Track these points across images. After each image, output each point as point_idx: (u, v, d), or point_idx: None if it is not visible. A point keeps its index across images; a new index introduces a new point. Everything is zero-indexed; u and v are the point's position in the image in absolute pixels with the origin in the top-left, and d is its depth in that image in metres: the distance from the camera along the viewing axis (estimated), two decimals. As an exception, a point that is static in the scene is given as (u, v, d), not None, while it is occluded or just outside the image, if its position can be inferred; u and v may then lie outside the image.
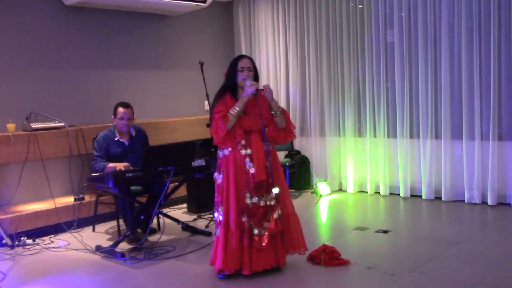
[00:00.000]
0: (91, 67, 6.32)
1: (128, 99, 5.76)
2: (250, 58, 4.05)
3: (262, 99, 3.92)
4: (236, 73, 3.96)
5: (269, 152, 3.96)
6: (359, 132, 6.88)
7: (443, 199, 6.16)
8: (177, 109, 7.20)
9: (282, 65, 7.53)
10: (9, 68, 5.63)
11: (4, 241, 4.98)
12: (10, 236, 5.02)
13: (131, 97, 6.22)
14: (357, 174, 6.92)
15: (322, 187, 6.88)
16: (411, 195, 6.47)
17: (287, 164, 6.81)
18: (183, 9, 6.85)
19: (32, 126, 5.43)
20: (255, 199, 3.87)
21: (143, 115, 6.62)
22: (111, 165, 5.07)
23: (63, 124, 5.65)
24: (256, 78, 4.01)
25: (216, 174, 4.02)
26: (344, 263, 4.14)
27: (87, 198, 5.65)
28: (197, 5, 6.70)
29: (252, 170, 3.87)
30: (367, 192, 6.82)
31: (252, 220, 3.87)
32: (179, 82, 7.20)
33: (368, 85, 6.65)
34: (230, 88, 3.99)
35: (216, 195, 4.01)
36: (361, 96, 6.77)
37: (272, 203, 3.93)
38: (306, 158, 7.33)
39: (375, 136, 6.70)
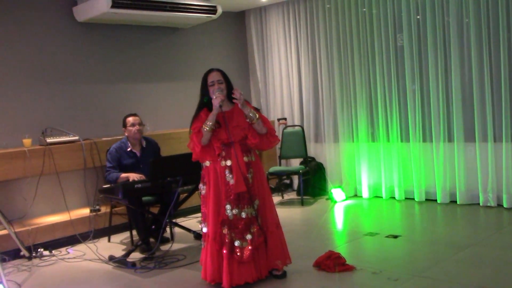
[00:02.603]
0: (104, 81, 6.48)
1: (141, 111, 5.90)
2: (219, 70, 4.04)
3: (239, 109, 3.92)
4: (207, 88, 3.99)
5: (251, 164, 3.98)
6: (373, 137, 6.87)
7: (458, 202, 6.10)
8: (190, 120, 7.26)
9: (294, 72, 7.59)
10: (25, 84, 5.82)
11: (21, 253, 5.14)
12: (28, 248, 5.17)
13: (144, 110, 6.37)
14: (372, 179, 6.89)
15: (337, 193, 6.88)
16: (426, 199, 6.42)
17: (300, 171, 6.83)
18: (194, 21, 6.97)
19: (48, 140, 5.59)
20: (235, 211, 3.87)
21: (157, 126, 6.75)
22: (123, 175, 5.19)
23: (77, 137, 5.80)
24: (230, 87, 4.00)
25: (201, 185, 4.06)
26: (350, 268, 4.15)
27: (103, 209, 5.80)
28: (207, 16, 6.80)
29: (232, 182, 3.89)
30: (382, 197, 6.78)
31: (233, 232, 3.87)
32: (192, 93, 7.19)
33: (379, 89, 6.64)
34: (205, 104, 4.00)
35: (202, 206, 4.04)
36: (373, 101, 6.76)
37: (254, 215, 3.93)
38: (321, 164, 7.34)
39: (388, 140, 6.67)
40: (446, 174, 6.19)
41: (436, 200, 6.30)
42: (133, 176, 5.10)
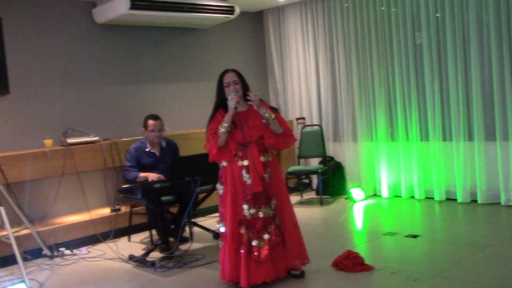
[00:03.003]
0: (124, 82, 6.54)
1: (160, 111, 5.93)
2: (234, 71, 4.04)
3: (255, 109, 3.92)
4: (223, 89, 4.00)
5: (268, 163, 3.99)
6: (392, 136, 6.82)
7: (479, 202, 6.03)
8: (207, 120, 7.31)
9: (312, 71, 7.57)
10: (45, 86, 5.90)
11: (43, 252, 5.21)
12: (49, 247, 5.25)
13: (162, 110, 6.40)
14: (391, 179, 6.85)
15: (356, 192, 6.85)
16: (447, 199, 6.35)
17: (319, 170, 6.82)
18: (212, 22, 6.99)
19: (68, 141, 5.67)
20: (252, 211, 3.89)
21: (175, 126, 6.79)
22: (142, 174, 5.24)
23: (97, 138, 5.87)
24: (245, 89, 4.01)
25: (218, 184, 4.08)
26: (368, 268, 4.13)
27: (123, 209, 5.86)
28: (225, 17, 6.82)
29: (249, 181, 3.90)
30: (401, 197, 6.73)
31: (251, 231, 3.89)
32: (210, 93, 7.20)
33: (398, 88, 6.60)
34: (221, 105, 4.02)
35: (219, 206, 4.07)
36: (392, 100, 6.72)
37: (272, 214, 3.94)
38: (340, 163, 7.32)
39: (407, 139, 6.62)
40: (467, 173, 6.13)
41: (456, 200, 6.23)
42: (152, 176, 5.15)
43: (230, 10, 6.78)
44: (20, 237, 5.04)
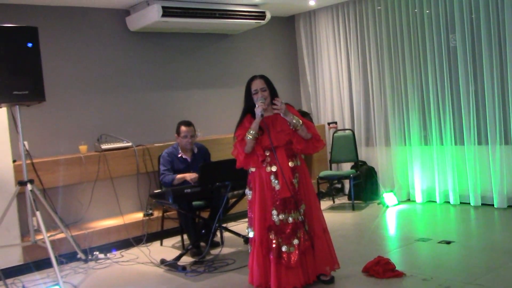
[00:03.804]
0: (156, 89, 6.64)
1: (192, 117, 6.00)
2: (262, 77, 4.03)
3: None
4: (251, 96, 4.01)
5: (297, 168, 3.97)
6: (425, 140, 6.71)
7: (516, 207, 5.89)
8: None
9: (344, 76, 7.52)
10: (80, 93, 6.04)
11: (78, 256, 5.31)
12: (84, 251, 5.35)
13: (195, 115, 6.47)
14: (425, 184, 6.74)
15: (388, 197, 6.77)
16: (483, 204, 6.21)
17: (351, 175, 6.77)
18: (244, 27, 7.04)
19: (102, 147, 5.78)
20: (282, 216, 3.88)
21: (207, 132, 6.85)
22: (179, 176, 5.31)
23: (130, 144, 5.97)
24: (273, 95, 4.00)
25: (247, 190, 4.09)
26: (399, 275, 4.07)
27: (155, 213, 5.93)
28: (256, 22, 6.85)
29: (277, 187, 3.90)
30: (436, 202, 6.62)
31: (280, 237, 3.87)
32: (242, 99, 7.35)
33: (432, 91, 6.49)
34: (249, 111, 4.03)
35: (248, 211, 4.07)
36: (426, 103, 6.62)
37: (301, 219, 3.93)
38: (373, 168, 7.24)
39: (442, 143, 6.51)
40: (503, 177, 5.98)
41: (493, 205, 6.09)
42: (189, 176, 5.20)
43: (261, 16, 6.82)
44: (56, 241, 5.16)
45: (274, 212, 3.89)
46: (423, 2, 6.49)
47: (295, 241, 3.89)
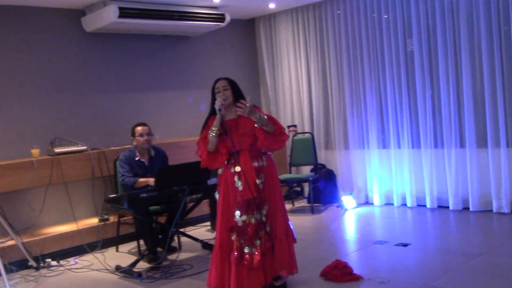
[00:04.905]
0: (113, 91, 6.49)
1: (150, 120, 5.88)
2: (226, 79, 4.05)
3: (245, 116, 3.85)
4: (215, 97, 3.99)
5: (263, 169, 3.93)
6: (383, 143, 6.78)
7: (470, 209, 5.99)
8: (199, 128, 7.25)
9: (304, 79, 7.53)
10: (33, 94, 5.85)
11: (29, 263, 5.13)
12: (35, 258, 5.17)
13: (152, 118, 6.35)
14: (383, 187, 6.80)
15: (348, 200, 6.79)
16: (439, 206, 6.31)
17: (311, 178, 6.77)
18: (203, 30, 6.96)
19: (56, 150, 5.61)
20: (245, 217, 3.83)
21: (166, 135, 6.74)
22: (142, 180, 5.19)
23: (85, 147, 5.81)
24: (237, 96, 3.97)
25: (216, 193, 4.04)
26: (357, 278, 4.07)
27: (111, 218, 5.79)
28: (215, 25, 6.79)
29: (240, 188, 3.85)
30: (393, 205, 6.68)
31: (242, 238, 3.83)
32: (201, 101, 7.28)
33: (390, 95, 6.56)
34: (214, 112, 3.97)
35: (217, 213, 4.02)
36: (384, 107, 6.68)
37: (263, 220, 3.89)
38: (332, 171, 7.26)
39: (399, 147, 6.58)
40: (459, 180, 6.08)
41: (448, 207, 6.18)
42: (151, 181, 5.08)
43: (220, 18, 6.76)
44: (6, 248, 4.98)
45: (237, 213, 3.84)
46: (381, 7, 6.56)
47: (257, 242, 3.84)
